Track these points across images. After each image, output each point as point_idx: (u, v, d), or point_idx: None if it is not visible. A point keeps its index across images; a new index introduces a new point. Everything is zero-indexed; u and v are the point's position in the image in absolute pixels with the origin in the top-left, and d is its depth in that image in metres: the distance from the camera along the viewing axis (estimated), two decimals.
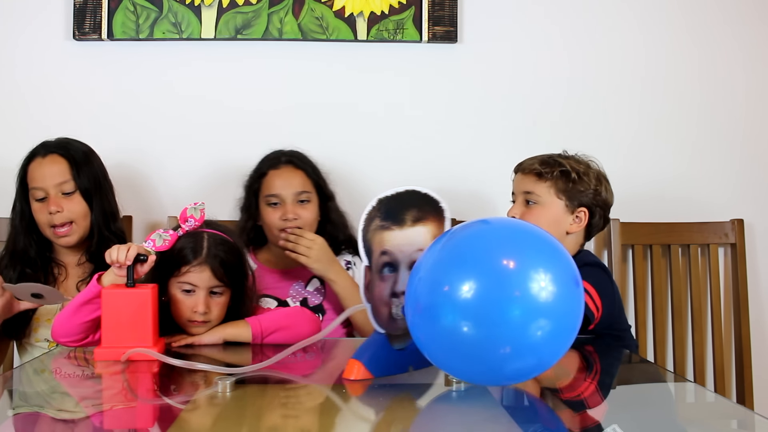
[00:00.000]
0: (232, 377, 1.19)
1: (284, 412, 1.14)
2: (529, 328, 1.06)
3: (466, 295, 1.06)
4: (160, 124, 2.23)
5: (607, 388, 1.35)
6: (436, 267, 1.11)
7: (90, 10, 2.16)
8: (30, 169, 1.81)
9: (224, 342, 1.52)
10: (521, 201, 1.76)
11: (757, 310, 2.27)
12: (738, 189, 2.30)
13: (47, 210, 1.78)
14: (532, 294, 1.06)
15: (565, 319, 1.09)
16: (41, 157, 1.81)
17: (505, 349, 1.06)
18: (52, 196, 1.78)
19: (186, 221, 1.51)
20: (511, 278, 1.07)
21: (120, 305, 1.38)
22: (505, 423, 1.08)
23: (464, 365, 1.11)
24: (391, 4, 2.20)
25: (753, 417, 1.16)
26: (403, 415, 1.12)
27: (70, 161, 1.81)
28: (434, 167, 2.24)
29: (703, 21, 2.29)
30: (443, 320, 1.07)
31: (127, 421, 1.09)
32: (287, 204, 1.89)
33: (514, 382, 1.17)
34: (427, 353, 1.15)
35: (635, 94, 2.29)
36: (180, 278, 1.50)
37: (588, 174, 1.74)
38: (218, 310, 1.53)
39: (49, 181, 1.79)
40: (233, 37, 2.20)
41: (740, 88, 2.30)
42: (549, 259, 1.10)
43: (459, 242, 1.13)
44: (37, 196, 1.79)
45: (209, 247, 1.51)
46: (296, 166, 1.94)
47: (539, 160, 1.76)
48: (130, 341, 1.37)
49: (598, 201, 1.74)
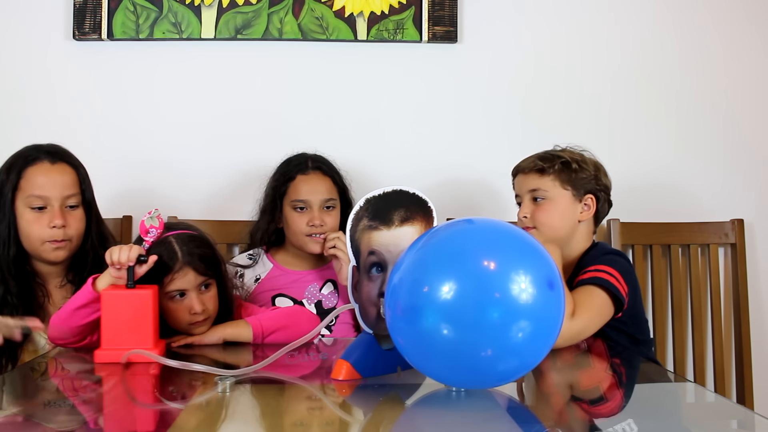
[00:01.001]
0: (232, 378, 1.18)
1: (283, 412, 1.14)
2: (510, 329, 1.05)
3: (446, 297, 1.05)
4: (160, 124, 2.23)
5: (608, 388, 1.35)
6: (415, 268, 1.10)
7: (90, 10, 2.16)
8: (30, 174, 1.64)
9: (224, 342, 1.52)
10: (528, 200, 1.75)
11: (757, 310, 2.27)
12: (738, 189, 2.30)
13: (47, 222, 1.62)
14: (513, 295, 1.05)
15: (546, 321, 1.08)
16: (49, 164, 1.66)
17: (486, 352, 1.05)
18: (56, 208, 1.63)
19: (147, 233, 1.46)
20: (491, 280, 1.06)
21: (120, 306, 1.38)
22: (506, 423, 1.08)
23: (445, 368, 1.11)
24: (391, 4, 2.20)
25: (753, 417, 1.16)
26: (404, 415, 1.12)
27: (78, 173, 1.69)
28: (434, 167, 2.24)
29: (703, 21, 2.29)
30: (423, 322, 1.06)
31: (127, 422, 1.09)
32: (314, 210, 1.89)
33: (496, 384, 1.16)
34: (407, 356, 1.14)
35: (635, 94, 2.28)
36: (167, 288, 1.48)
37: (586, 161, 1.76)
38: (212, 303, 1.53)
39: (57, 192, 1.64)
40: (233, 37, 2.20)
41: (740, 88, 2.29)
42: (529, 260, 1.09)
43: (439, 243, 1.12)
44: (34, 204, 1.63)
45: (182, 249, 1.50)
46: (324, 172, 1.95)
47: (537, 157, 1.77)
48: (130, 343, 1.36)
49: (601, 185, 1.76)
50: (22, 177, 1.64)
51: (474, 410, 1.11)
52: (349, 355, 1.25)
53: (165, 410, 1.15)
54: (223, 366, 1.41)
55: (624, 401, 1.25)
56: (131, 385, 1.28)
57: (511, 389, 1.27)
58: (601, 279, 1.56)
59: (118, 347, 1.36)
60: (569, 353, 1.50)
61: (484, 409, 1.13)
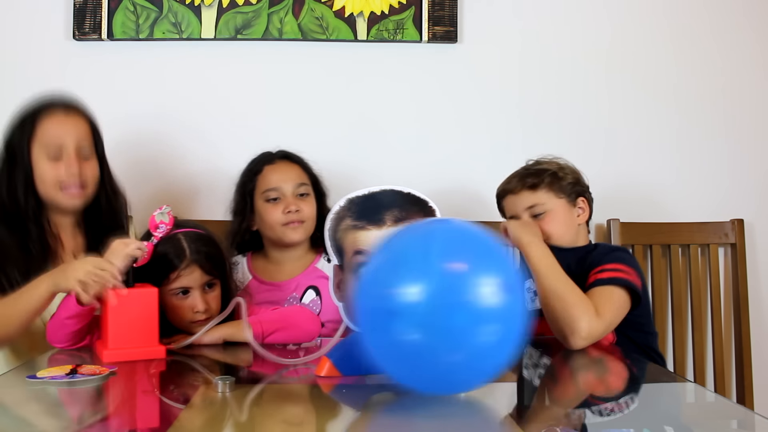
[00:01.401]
0: (232, 378, 1.18)
1: (283, 413, 1.14)
2: (477, 333, 1.02)
3: (411, 300, 1.02)
4: (160, 124, 2.23)
5: (607, 388, 1.35)
6: (381, 270, 1.07)
7: (90, 10, 2.16)
8: (46, 122, 1.66)
9: (224, 342, 1.52)
10: (528, 217, 1.77)
11: (757, 310, 2.27)
12: (738, 189, 2.30)
13: (64, 167, 1.64)
14: (479, 299, 1.02)
15: (513, 323, 1.06)
16: (64, 113, 1.68)
17: (453, 356, 1.03)
18: (72, 154, 1.65)
19: (157, 228, 1.48)
20: (457, 283, 1.03)
21: (126, 306, 1.37)
22: (506, 423, 1.08)
23: (411, 373, 1.07)
24: (391, 4, 2.20)
25: (753, 417, 1.16)
26: (404, 415, 1.12)
27: (90, 124, 1.72)
28: (434, 167, 2.24)
29: (702, 21, 2.29)
30: (389, 325, 1.03)
31: (127, 421, 1.09)
32: (288, 197, 1.83)
33: (465, 390, 1.13)
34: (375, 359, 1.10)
35: (635, 94, 2.28)
36: (171, 285, 1.49)
37: (565, 168, 1.80)
38: (215, 303, 1.54)
39: (71, 139, 1.66)
40: (233, 37, 2.20)
41: (740, 87, 2.30)
42: (495, 263, 1.07)
43: (404, 244, 1.09)
44: (50, 152, 1.64)
45: (190, 246, 1.50)
46: (292, 160, 1.91)
47: (522, 175, 1.80)
48: (137, 341, 1.36)
49: (584, 186, 1.82)
50: (38, 125, 1.66)
51: (474, 410, 1.11)
52: (332, 353, 1.25)
53: (165, 410, 1.15)
54: (222, 366, 1.41)
55: (625, 401, 1.25)
56: (131, 385, 1.28)
57: (511, 389, 1.27)
58: (618, 278, 1.59)
59: (126, 347, 1.36)
60: (570, 352, 1.50)
61: (484, 408, 1.13)
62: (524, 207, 1.77)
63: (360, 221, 1.22)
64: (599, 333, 1.52)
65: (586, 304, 1.52)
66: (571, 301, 1.52)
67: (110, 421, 1.08)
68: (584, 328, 1.48)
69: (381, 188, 1.25)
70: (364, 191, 1.24)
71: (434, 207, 1.27)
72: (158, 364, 1.36)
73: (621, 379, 1.44)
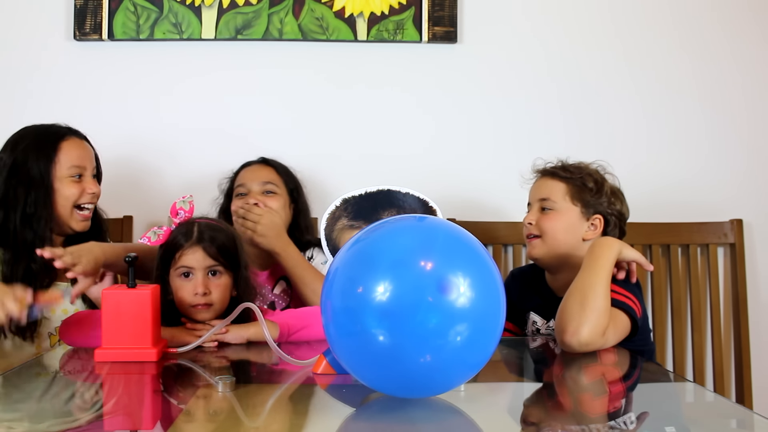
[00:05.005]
0: (233, 378, 1.19)
1: (283, 413, 1.14)
2: (447, 334, 0.98)
3: (381, 298, 0.97)
4: (161, 124, 2.23)
5: (608, 388, 1.35)
6: (350, 266, 1.03)
7: (90, 10, 2.17)
8: (66, 147, 1.75)
9: (248, 342, 1.50)
10: (537, 208, 1.76)
11: (757, 310, 2.27)
12: (738, 189, 2.30)
13: (82, 189, 1.75)
14: (451, 298, 0.98)
15: (486, 323, 1.02)
16: (79, 139, 1.79)
17: (424, 358, 0.99)
18: (89, 176, 1.77)
19: (177, 214, 1.52)
20: (428, 281, 0.98)
21: (120, 306, 1.38)
22: (507, 423, 1.08)
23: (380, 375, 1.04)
24: (391, 5, 2.20)
25: (752, 417, 1.16)
26: (404, 416, 1.12)
27: (93, 149, 1.83)
28: (434, 168, 2.25)
29: (704, 21, 2.29)
30: (357, 325, 0.99)
31: (127, 421, 1.09)
32: (253, 192, 1.90)
33: (438, 393, 1.10)
34: (342, 361, 1.08)
35: (635, 95, 2.29)
36: (176, 265, 1.51)
37: (603, 185, 1.75)
38: (218, 292, 1.51)
39: (88, 162, 1.78)
40: (233, 38, 2.20)
41: (739, 87, 2.30)
42: (469, 261, 1.03)
43: (376, 240, 1.05)
44: (74, 173, 1.75)
45: (200, 231, 1.52)
46: (267, 163, 1.98)
47: (556, 167, 1.77)
48: (130, 342, 1.37)
49: (614, 210, 1.74)
50: (60, 150, 1.74)
51: (474, 410, 1.12)
52: (329, 350, 1.25)
53: (165, 410, 1.15)
54: (241, 364, 1.41)
55: (624, 401, 1.25)
56: (131, 385, 1.28)
57: (511, 389, 1.27)
58: (624, 303, 1.56)
59: (118, 346, 1.37)
60: (570, 353, 1.51)
61: (484, 408, 1.13)
62: (539, 197, 1.76)
63: (356, 221, 1.22)
64: (594, 347, 1.48)
65: (605, 318, 1.47)
66: (594, 306, 1.46)
67: (110, 420, 1.08)
68: (586, 335, 1.46)
69: (377, 188, 1.24)
70: (360, 191, 1.23)
71: (435, 207, 1.27)
72: (158, 363, 1.36)
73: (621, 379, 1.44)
